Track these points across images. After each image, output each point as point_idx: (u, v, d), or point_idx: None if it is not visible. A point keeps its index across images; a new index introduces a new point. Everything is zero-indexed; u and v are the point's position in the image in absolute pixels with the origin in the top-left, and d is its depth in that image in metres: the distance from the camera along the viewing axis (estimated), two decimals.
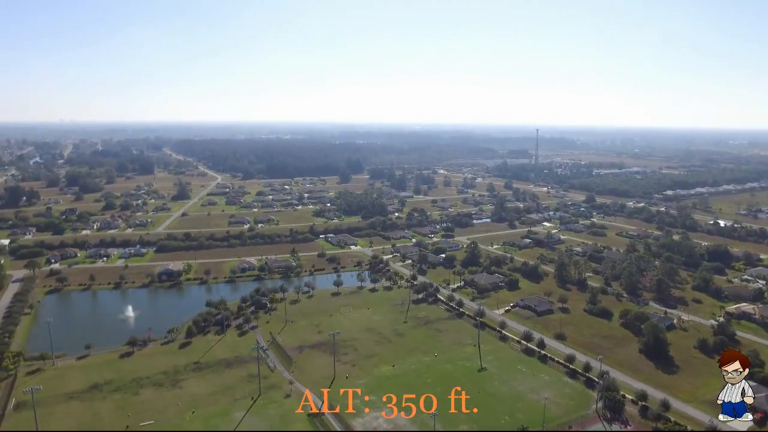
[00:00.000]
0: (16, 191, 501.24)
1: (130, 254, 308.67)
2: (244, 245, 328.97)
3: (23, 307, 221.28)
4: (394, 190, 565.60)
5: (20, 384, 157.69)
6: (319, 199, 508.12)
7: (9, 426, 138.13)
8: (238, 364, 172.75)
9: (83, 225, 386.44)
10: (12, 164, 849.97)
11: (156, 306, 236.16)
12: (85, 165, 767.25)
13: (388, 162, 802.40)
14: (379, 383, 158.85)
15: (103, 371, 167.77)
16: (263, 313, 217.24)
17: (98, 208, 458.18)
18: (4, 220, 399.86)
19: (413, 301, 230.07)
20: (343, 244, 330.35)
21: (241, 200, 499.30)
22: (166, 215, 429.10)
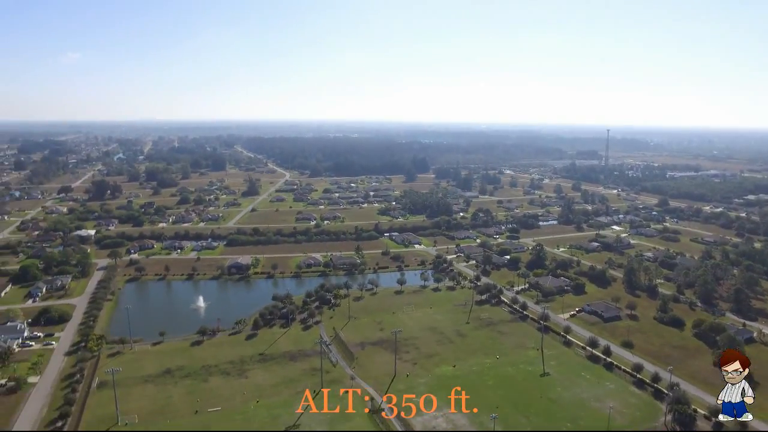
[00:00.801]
0: (101, 185, 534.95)
1: (202, 247, 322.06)
2: (310, 241, 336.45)
3: (106, 294, 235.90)
4: (459, 190, 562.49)
5: (103, 365, 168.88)
6: (384, 197, 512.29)
7: (93, 402, 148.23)
8: (301, 358, 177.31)
9: (160, 218, 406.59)
10: (99, 160, 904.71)
11: (225, 298, 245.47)
12: (163, 161, 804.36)
13: (454, 161, 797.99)
14: (440, 383, 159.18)
15: (175, 357, 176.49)
16: (327, 309, 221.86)
17: (174, 202, 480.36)
18: (91, 212, 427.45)
19: (476, 302, 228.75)
20: (407, 243, 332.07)
21: (308, 197, 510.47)
22: (236, 210, 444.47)
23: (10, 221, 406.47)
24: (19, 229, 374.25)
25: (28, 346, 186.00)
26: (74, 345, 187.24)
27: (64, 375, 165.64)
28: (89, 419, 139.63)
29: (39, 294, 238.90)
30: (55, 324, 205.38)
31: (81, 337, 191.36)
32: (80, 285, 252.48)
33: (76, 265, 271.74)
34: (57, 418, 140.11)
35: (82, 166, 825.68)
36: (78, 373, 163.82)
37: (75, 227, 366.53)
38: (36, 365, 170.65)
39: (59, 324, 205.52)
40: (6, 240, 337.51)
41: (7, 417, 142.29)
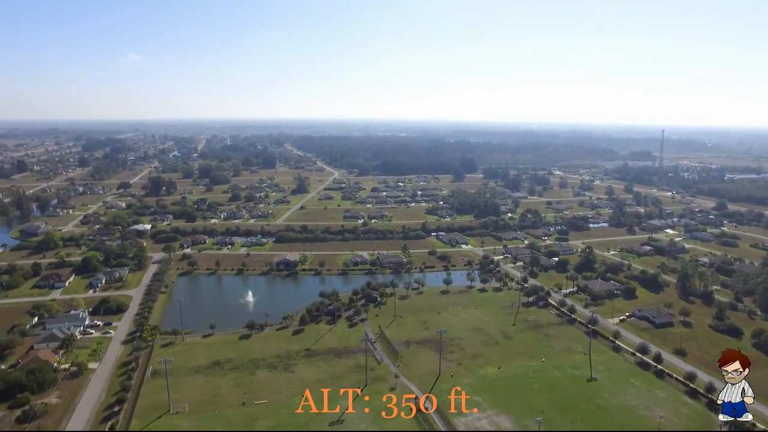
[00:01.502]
0: (157, 181, 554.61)
1: (251, 243, 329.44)
2: (357, 239, 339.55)
3: (160, 286, 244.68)
4: (507, 191, 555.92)
5: (156, 354, 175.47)
6: (432, 196, 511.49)
7: (147, 389, 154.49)
8: (346, 354, 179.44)
9: (212, 214, 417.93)
10: (155, 157, 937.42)
11: (273, 293, 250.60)
12: (216, 159, 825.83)
13: (503, 161, 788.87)
14: (484, 384, 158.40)
15: (224, 350, 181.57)
16: (373, 307, 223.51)
17: (225, 199, 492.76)
18: (148, 207, 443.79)
19: (523, 304, 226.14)
20: (454, 243, 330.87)
21: (356, 195, 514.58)
22: (285, 208, 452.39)
23: (74, 215, 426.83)
24: (82, 223, 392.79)
25: (89, 334, 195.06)
26: (130, 334, 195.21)
27: (121, 362, 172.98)
28: (143, 406, 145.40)
29: (99, 285, 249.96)
30: (113, 314, 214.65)
31: (136, 327, 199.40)
32: (136, 277, 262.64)
33: (133, 258, 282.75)
34: (114, 403, 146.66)
35: (140, 163, 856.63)
36: (133, 362, 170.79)
37: (132, 222, 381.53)
38: (96, 352, 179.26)
39: (117, 314, 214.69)
40: (70, 233, 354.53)
41: (70, 399, 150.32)
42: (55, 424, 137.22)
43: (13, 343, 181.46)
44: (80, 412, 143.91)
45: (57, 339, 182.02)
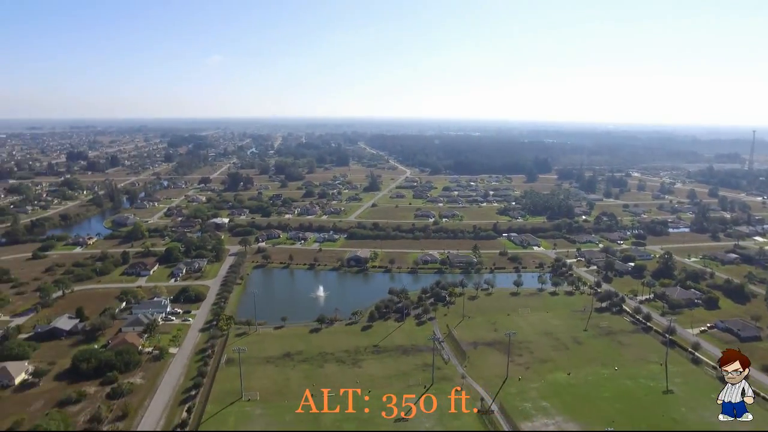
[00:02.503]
0: (235, 177, 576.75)
1: (323, 239, 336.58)
2: (428, 238, 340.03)
3: (236, 278, 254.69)
4: (582, 192, 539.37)
5: (231, 343, 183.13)
6: (504, 197, 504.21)
7: (222, 376, 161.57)
8: (414, 352, 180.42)
9: (286, 210, 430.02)
10: (234, 154, 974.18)
11: (343, 288, 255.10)
12: (291, 156, 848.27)
13: (578, 162, 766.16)
14: (553, 390, 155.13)
15: (295, 342, 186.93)
16: (441, 306, 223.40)
17: (299, 195, 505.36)
18: (226, 201, 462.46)
19: (596, 309, 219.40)
20: (525, 244, 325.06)
21: (427, 194, 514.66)
22: (357, 205, 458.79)
23: (159, 207, 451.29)
24: (165, 215, 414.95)
25: (170, 321, 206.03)
26: (207, 323, 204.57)
27: (198, 349, 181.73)
28: (217, 391, 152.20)
29: (180, 274, 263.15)
30: (192, 302, 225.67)
31: (213, 316, 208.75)
32: (214, 268, 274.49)
33: (211, 250, 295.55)
34: (191, 387, 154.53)
35: (220, 159, 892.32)
36: (209, 349, 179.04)
37: (212, 215, 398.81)
38: (176, 338, 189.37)
39: (195, 302, 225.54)
40: (155, 224, 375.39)
41: (153, 380, 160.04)
42: (139, 402, 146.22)
43: (104, 325, 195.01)
44: (161, 393, 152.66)
45: (142, 324, 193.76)
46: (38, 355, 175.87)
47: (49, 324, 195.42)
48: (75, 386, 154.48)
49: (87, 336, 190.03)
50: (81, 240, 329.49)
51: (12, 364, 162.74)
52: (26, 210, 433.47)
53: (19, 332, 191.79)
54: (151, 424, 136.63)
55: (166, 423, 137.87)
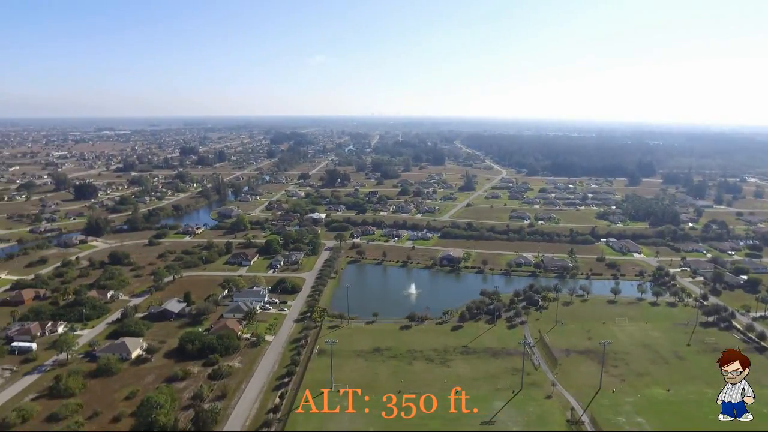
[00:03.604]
0: (333, 174, 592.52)
1: (417, 237, 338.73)
2: (522, 240, 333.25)
3: (330, 272, 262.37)
4: (689, 198, 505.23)
5: (323, 335, 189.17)
6: (603, 200, 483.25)
7: (313, 366, 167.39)
8: (503, 356, 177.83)
9: (381, 207, 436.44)
10: (332, 151, 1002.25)
11: (435, 287, 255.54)
12: (387, 154, 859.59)
13: (685, 166, 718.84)
14: (650, 405, 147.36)
15: (385, 338, 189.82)
16: (534, 310, 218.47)
17: (395, 193, 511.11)
18: (323, 197, 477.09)
19: (701, 324, 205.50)
20: (625, 251, 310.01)
21: (523, 196, 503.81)
22: (452, 204, 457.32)
23: (260, 201, 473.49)
24: (266, 209, 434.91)
25: (267, 310, 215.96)
26: (302, 314, 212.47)
27: (292, 338, 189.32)
28: (308, 380, 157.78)
29: (278, 266, 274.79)
30: (288, 293, 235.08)
31: (307, 308, 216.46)
32: (310, 261, 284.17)
33: (308, 244, 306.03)
34: (284, 375, 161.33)
35: (319, 156, 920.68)
36: (303, 339, 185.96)
37: (309, 210, 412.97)
38: (272, 327, 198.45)
39: (291, 294, 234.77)
40: (257, 217, 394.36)
41: (250, 365, 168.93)
42: (237, 385, 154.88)
43: (208, 310, 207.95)
44: (257, 378, 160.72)
45: (241, 311, 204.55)
46: (151, 333, 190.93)
47: (161, 306, 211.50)
48: (181, 365, 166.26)
49: (193, 319, 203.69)
50: (190, 229, 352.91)
51: (129, 340, 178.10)
52: (144, 200, 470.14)
53: (136, 311, 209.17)
54: (247, 407, 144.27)
55: (260, 406, 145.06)
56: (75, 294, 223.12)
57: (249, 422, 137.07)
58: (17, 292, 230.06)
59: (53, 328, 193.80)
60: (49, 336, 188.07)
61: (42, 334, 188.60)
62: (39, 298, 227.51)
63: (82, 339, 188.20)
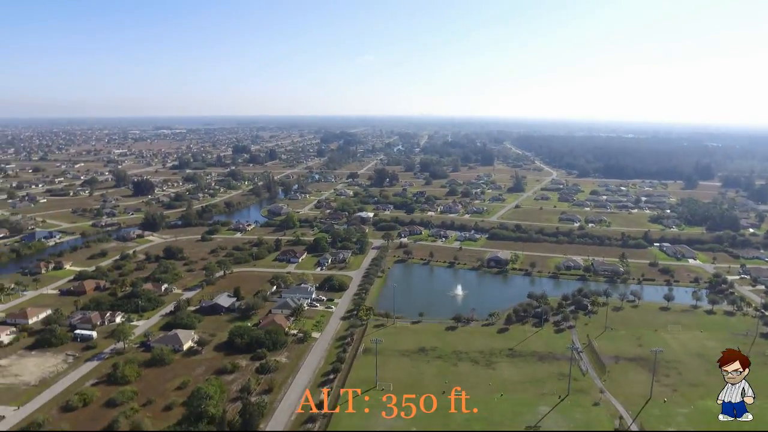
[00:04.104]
0: (382, 173, 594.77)
1: (464, 238, 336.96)
2: (571, 243, 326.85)
3: (377, 271, 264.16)
4: (751, 202, 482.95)
5: (369, 333, 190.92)
6: (657, 204, 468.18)
7: (358, 364, 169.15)
8: (550, 360, 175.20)
9: (429, 207, 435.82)
10: (381, 150, 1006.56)
11: (481, 289, 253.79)
12: (436, 154, 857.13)
13: (746, 169, 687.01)
14: (704, 418, 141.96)
15: (430, 338, 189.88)
16: (582, 315, 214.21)
17: (443, 193, 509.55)
18: (371, 196, 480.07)
19: (762, 335, 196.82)
20: (679, 256, 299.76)
21: (573, 198, 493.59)
22: (500, 205, 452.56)
23: (309, 199, 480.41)
24: (315, 207, 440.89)
25: (314, 307, 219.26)
26: (348, 312, 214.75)
27: (338, 336, 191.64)
28: (353, 378, 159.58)
29: (326, 264, 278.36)
30: (335, 291, 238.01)
31: (354, 306, 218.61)
32: (357, 260, 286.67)
33: (355, 243, 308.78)
34: (330, 371, 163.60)
35: (368, 156, 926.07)
36: (349, 337, 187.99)
37: (358, 209, 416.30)
38: (319, 323, 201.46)
39: (338, 291, 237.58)
40: (306, 215, 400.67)
41: (296, 360, 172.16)
42: (283, 380, 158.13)
43: (257, 306, 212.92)
44: (303, 373, 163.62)
45: (289, 307, 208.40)
46: (202, 326, 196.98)
47: (212, 300, 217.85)
48: (230, 358, 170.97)
49: (242, 314, 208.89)
50: (241, 226, 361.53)
51: (182, 332, 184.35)
52: (198, 197, 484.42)
53: (188, 305, 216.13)
54: (293, 401, 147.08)
55: (305, 401, 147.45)
56: (132, 286, 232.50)
57: (294, 417, 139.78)
58: (80, 282, 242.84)
59: (112, 318, 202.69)
60: (108, 325, 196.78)
61: (101, 323, 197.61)
62: (99, 289, 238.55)
63: (138, 329, 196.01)
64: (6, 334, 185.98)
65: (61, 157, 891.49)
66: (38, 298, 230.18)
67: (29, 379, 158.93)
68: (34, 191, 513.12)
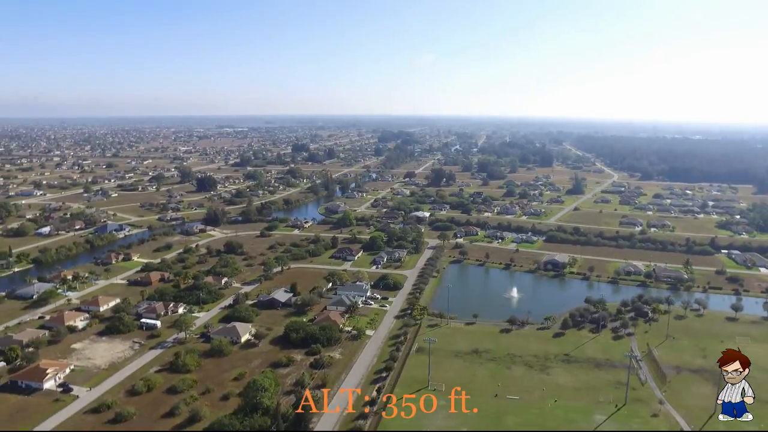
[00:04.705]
0: (438, 173, 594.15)
1: (521, 240, 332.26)
2: (632, 248, 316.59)
3: (432, 271, 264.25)
4: None
5: (422, 333, 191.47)
6: (726, 209, 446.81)
7: (411, 363, 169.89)
8: (607, 367, 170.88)
9: (486, 208, 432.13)
10: (438, 150, 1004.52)
11: (537, 292, 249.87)
12: (494, 154, 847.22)
13: None
14: None
15: (484, 340, 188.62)
16: (642, 322, 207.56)
17: (500, 194, 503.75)
18: (428, 196, 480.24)
19: None
20: (749, 264, 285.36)
21: (635, 201, 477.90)
22: (558, 207, 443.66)
23: (366, 198, 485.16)
24: (372, 206, 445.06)
25: (369, 305, 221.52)
26: (402, 311, 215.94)
27: (392, 334, 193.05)
28: (406, 377, 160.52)
29: (381, 262, 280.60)
30: (390, 290, 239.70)
31: (408, 305, 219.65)
32: (412, 259, 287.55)
33: (411, 242, 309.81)
34: (383, 369, 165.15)
35: (425, 155, 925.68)
36: (402, 336, 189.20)
37: (414, 208, 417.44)
38: (373, 321, 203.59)
39: (393, 290, 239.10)
40: (362, 213, 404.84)
41: (349, 357, 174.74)
42: (336, 375, 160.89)
43: (313, 302, 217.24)
44: (356, 370, 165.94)
45: (344, 304, 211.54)
46: (259, 320, 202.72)
47: (269, 295, 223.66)
48: (285, 352, 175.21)
49: (298, 309, 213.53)
50: (299, 223, 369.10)
51: (240, 325, 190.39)
52: (258, 194, 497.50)
53: (246, 298, 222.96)
54: (346, 397, 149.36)
55: (357, 398, 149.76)
56: (194, 279, 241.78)
57: (347, 412, 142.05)
58: (146, 274, 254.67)
59: (174, 309, 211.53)
60: (171, 315, 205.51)
61: (165, 313, 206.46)
62: (163, 281, 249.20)
63: (199, 321, 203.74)
64: (80, 320, 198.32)
65: (131, 153, 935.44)
66: (108, 287, 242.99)
67: (100, 363, 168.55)
68: (106, 186, 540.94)
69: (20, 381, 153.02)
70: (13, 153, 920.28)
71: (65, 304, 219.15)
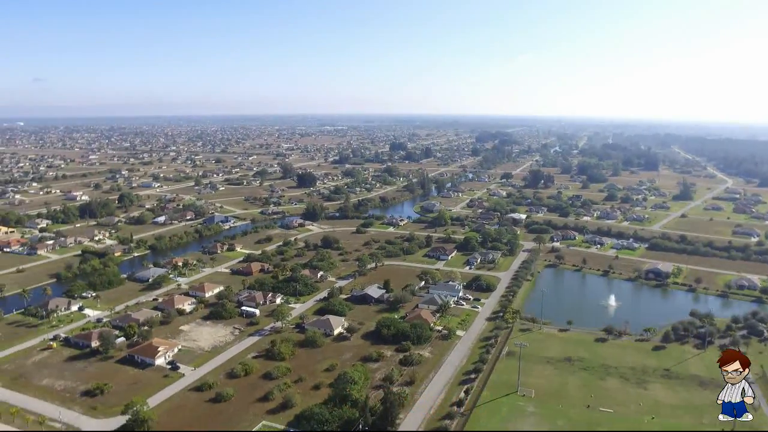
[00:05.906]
0: (537, 175, 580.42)
1: (621, 246, 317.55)
2: (747, 260, 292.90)
3: (526, 274, 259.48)
4: None
5: (513, 337, 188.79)
6: None
7: (501, 367, 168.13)
8: (712, 387, 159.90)
9: (585, 211, 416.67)
10: (537, 151, 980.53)
11: (637, 301, 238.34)
12: (595, 157, 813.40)
13: None
14: None
15: (577, 348, 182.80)
16: (756, 341, 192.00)
17: (600, 197, 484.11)
18: (525, 198, 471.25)
19: None
20: None
21: (752, 209, 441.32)
22: (663, 213, 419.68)
23: (462, 198, 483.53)
24: (467, 206, 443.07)
25: (460, 305, 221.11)
26: (494, 313, 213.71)
27: (482, 336, 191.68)
28: (494, 380, 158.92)
29: (474, 263, 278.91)
30: (482, 291, 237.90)
31: (500, 308, 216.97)
32: (506, 261, 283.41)
33: (506, 244, 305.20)
34: (471, 371, 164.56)
35: (523, 156, 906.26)
36: (493, 338, 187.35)
37: (510, 210, 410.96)
38: (464, 322, 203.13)
39: (485, 292, 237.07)
40: (457, 213, 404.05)
41: (439, 356, 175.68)
42: (425, 374, 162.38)
43: (404, 299, 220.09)
44: (444, 370, 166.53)
45: (436, 303, 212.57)
46: (352, 314, 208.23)
47: (363, 290, 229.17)
48: (376, 347, 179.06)
49: (390, 306, 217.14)
50: (394, 221, 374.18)
51: (333, 318, 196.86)
52: (355, 191, 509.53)
53: (340, 293, 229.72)
54: (433, 396, 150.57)
55: (445, 398, 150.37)
56: (291, 271, 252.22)
57: (434, 411, 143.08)
58: (248, 264, 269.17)
59: (272, 299, 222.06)
60: (269, 305, 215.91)
61: (264, 302, 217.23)
62: (263, 271, 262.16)
63: (294, 311, 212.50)
64: (188, 304, 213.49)
65: (238, 150, 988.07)
66: (213, 275, 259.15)
67: (204, 345, 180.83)
68: (215, 180, 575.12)
69: (137, 356, 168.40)
70: (137, 148, 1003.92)
71: (175, 289, 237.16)
